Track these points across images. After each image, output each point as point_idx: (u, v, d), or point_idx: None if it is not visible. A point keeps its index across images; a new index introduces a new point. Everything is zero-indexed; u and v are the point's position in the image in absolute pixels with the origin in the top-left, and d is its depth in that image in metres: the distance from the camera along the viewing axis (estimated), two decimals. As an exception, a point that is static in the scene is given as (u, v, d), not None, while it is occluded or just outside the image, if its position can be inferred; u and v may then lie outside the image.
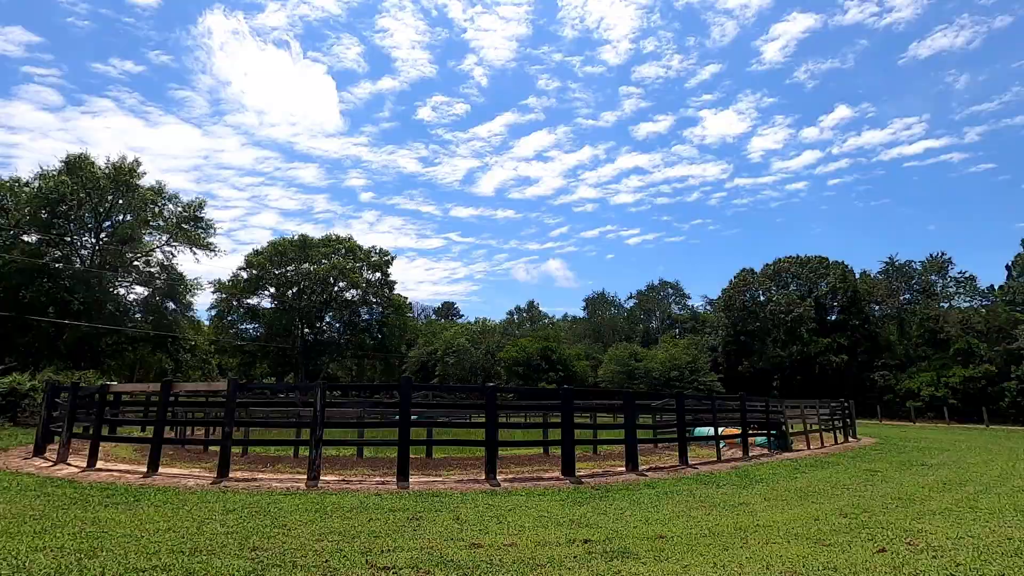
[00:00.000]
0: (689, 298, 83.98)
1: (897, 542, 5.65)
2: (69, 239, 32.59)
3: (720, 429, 16.71)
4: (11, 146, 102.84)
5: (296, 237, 47.28)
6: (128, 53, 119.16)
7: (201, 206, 37.22)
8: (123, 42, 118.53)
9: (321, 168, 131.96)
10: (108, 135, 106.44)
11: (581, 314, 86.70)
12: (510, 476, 10.26)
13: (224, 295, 45.33)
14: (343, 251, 48.33)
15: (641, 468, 11.45)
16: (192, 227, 36.71)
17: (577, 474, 10.52)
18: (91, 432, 10.79)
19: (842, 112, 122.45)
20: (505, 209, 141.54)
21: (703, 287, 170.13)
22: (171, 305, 36.79)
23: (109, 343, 32.56)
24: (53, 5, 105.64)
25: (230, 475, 9.61)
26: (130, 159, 33.45)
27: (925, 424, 38.54)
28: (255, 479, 9.48)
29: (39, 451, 12.22)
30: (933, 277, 54.87)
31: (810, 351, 51.84)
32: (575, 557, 4.99)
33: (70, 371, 23.84)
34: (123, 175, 32.64)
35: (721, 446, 16.40)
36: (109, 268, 33.35)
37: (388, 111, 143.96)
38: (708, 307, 76.84)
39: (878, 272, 58.68)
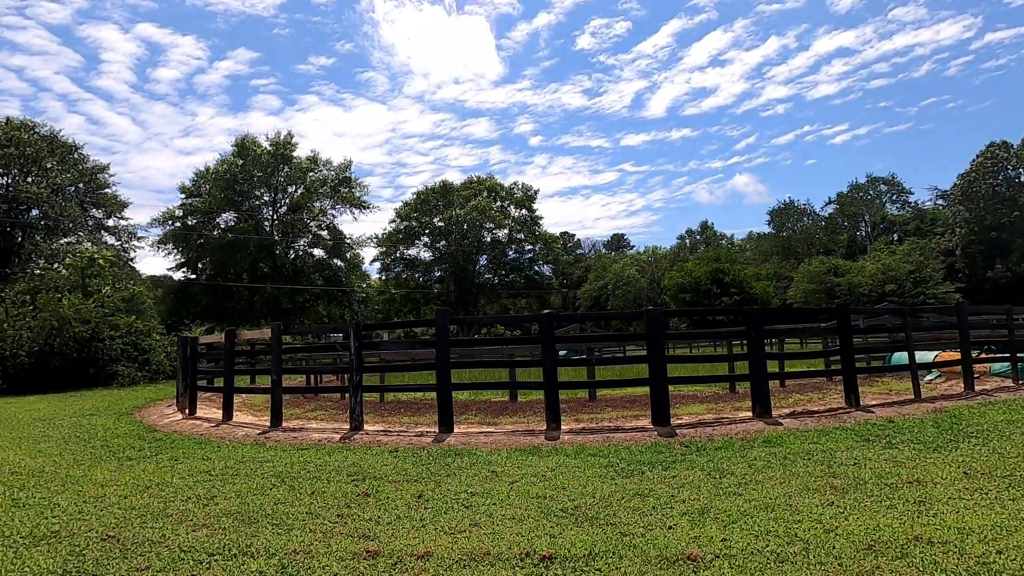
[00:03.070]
0: (911, 193, 67.71)
1: None
2: (253, 213, 37.54)
3: (934, 355, 12.15)
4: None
5: (437, 184, 48.57)
6: (320, 49, 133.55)
7: (348, 167, 40.06)
8: (315, 40, 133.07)
9: (491, 120, 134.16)
10: (316, 126, 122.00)
11: (768, 230, 75.95)
12: (583, 425, 8.06)
13: (384, 248, 48.96)
14: (484, 192, 48.23)
15: (781, 412, 8.26)
16: (347, 189, 39.77)
17: (678, 421, 7.89)
18: (187, 383, 11.28)
19: None
20: (680, 128, 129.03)
21: (932, 179, 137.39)
22: (338, 263, 40.68)
23: (299, 300, 37.33)
24: (261, 21, 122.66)
25: (283, 425, 9.12)
26: (284, 133, 37.27)
27: None
28: (303, 429, 8.83)
29: (179, 400, 13.48)
30: None
31: (1108, 241, 37.60)
32: (482, 600, 2.79)
33: (258, 326, 27.29)
34: (281, 148, 36.36)
35: (933, 377, 11.84)
36: (287, 234, 37.88)
37: (547, 48, 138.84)
38: (939, 202, 61.01)
39: None
